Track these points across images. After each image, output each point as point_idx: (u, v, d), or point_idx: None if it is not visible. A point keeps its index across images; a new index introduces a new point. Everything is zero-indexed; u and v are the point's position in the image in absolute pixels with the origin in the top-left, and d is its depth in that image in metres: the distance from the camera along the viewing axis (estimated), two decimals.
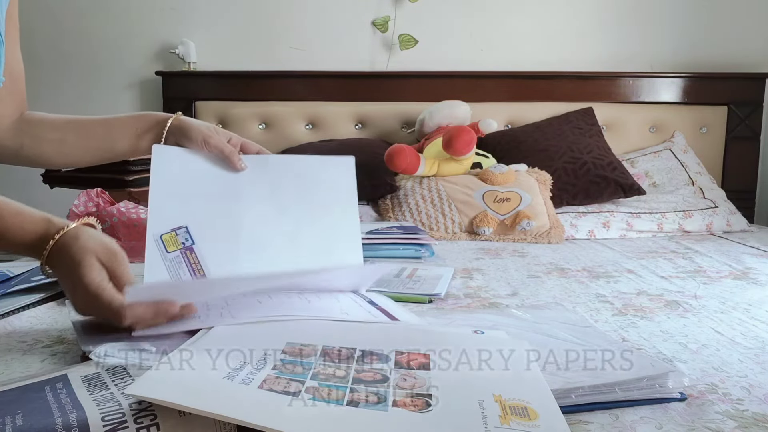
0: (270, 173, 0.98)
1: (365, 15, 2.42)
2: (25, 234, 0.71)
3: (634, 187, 1.96)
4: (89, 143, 0.96)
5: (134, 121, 0.96)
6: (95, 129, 0.96)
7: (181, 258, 0.90)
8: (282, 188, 0.97)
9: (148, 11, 2.46)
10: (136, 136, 0.95)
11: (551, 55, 2.40)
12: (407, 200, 1.86)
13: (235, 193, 0.95)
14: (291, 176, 0.99)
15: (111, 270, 0.69)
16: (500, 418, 0.50)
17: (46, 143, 0.96)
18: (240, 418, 0.47)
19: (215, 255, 0.91)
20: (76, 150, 0.96)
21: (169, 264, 0.89)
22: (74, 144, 0.96)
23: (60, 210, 1.09)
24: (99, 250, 0.69)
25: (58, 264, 0.69)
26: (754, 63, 2.35)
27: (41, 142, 0.95)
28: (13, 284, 1.00)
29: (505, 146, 2.13)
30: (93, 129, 0.96)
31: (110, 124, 0.96)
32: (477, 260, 1.43)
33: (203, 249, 0.91)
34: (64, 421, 0.47)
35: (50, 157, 0.97)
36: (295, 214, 0.96)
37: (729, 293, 1.12)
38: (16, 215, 0.72)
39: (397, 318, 0.79)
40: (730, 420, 0.59)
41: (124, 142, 0.95)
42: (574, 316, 0.89)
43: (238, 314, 0.74)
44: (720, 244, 1.68)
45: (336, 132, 2.37)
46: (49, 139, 0.95)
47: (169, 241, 0.91)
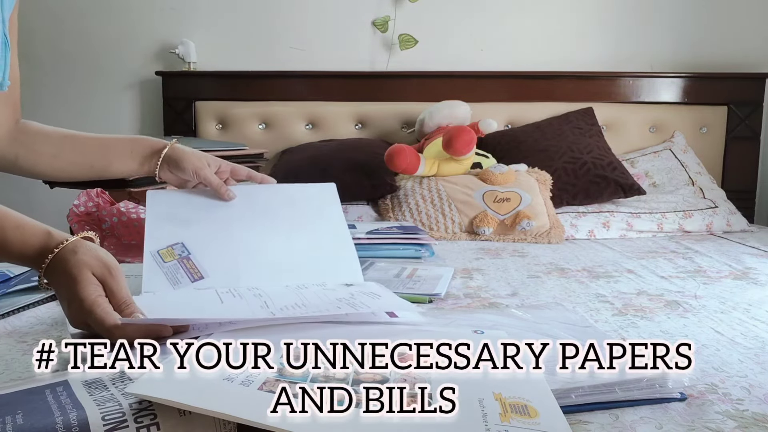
0: (259, 200, 1.04)
1: (365, 15, 2.42)
2: (26, 247, 0.71)
3: (634, 187, 1.96)
4: (84, 160, 0.97)
5: (130, 144, 0.98)
6: (91, 147, 0.97)
7: (178, 265, 0.93)
8: (272, 211, 1.03)
9: (148, 11, 2.46)
10: (131, 159, 0.98)
11: (551, 55, 2.40)
12: (407, 200, 1.86)
13: (228, 217, 1.00)
14: (279, 201, 1.05)
15: (107, 285, 0.69)
16: (500, 416, 0.50)
17: (41, 156, 0.96)
18: (241, 416, 0.47)
19: (213, 262, 0.93)
20: (69, 166, 0.97)
21: (166, 270, 0.91)
22: (68, 160, 0.97)
23: (60, 209, 1.09)
24: (95, 264, 0.69)
25: (55, 277, 0.70)
26: (754, 63, 2.35)
27: (36, 154, 0.96)
28: (13, 284, 1.00)
29: (505, 146, 2.14)
30: (88, 147, 0.97)
31: (106, 144, 0.98)
32: (477, 260, 1.43)
33: (200, 258, 0.93)
34: (65, 421, 0.47)
35: (44, 170, 0.98)
36: (287, 229, 1.01)
37: (729, 293, 1.12)
38: (17, 228, 0.72)
39: (396, 315, 0.79)
40: (730, 420, 0.59)
41: (119, 164, 0.98)
42: (574, 316, 0.89)
43: (235, 313, 0.74)
44: (720, 244, 1.68)
45: (336, 132, 2.37)
46: (43, 152, 0.96)
47: (165, 254, 0.94)
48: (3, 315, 0.90)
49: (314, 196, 1.08)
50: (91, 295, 0.67)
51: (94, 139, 0.98)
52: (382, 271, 1.19)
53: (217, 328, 0.70)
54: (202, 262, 0.93)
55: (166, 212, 0.99)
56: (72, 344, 0.64)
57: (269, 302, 0.79)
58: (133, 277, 1.07)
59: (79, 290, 0.67)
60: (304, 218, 1.03)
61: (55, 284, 0.70)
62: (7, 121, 0.94)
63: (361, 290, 0.87)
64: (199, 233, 0.96)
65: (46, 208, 2.56)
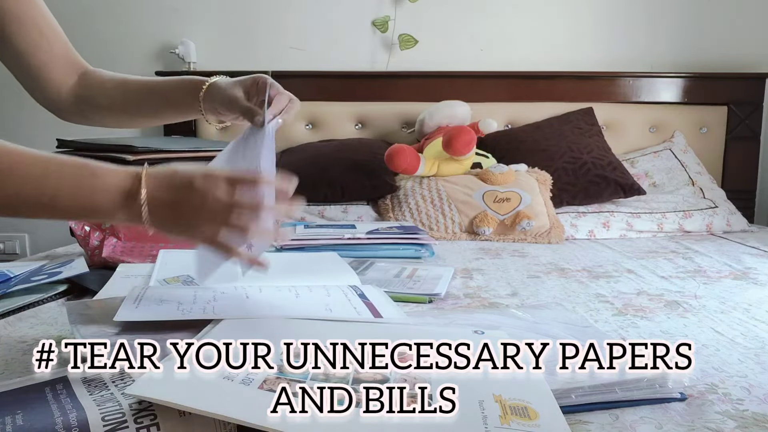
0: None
1: (365, 15, 2.42)
2: (118, 173, 0.66)
3: (634, 187, 1.96)
4: (134, 109, 0.94)
5: (176, 85, 0.93)
6: (139, 94, 0.93)
7: (182, 285, 0.98)
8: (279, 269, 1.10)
9: (148, 11, 2.46)
10: (180, 101, 0.93)
11: (551, 55, 2.40)
12: (407, 200, 1.86)
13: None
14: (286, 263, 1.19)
15: None
16: (500, 418, 0.50)
17: (100, 110, 0.94)
18: (240, 418, 0.47)
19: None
20: (123, 115, 0.95)
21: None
22: (121, 109, 0.94)
23: None
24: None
25: (158, 188, 0.66)
26: (754, 63, 2.34)
27: (97, 109, 0.94)
28: (13, 284, 1.00)
29: (505, 146, 2.13)
30: (138, 94, 0.93)
31: (154, 90, 0.93)
32: (477, 260, 1.43)
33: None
34: (65, 421, 0.47)
35: (109, 123, 0.96)
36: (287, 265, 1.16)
37: (729, 293, 1.12)
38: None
39: (381, 315, 0.79)
40: (730, 420, 0.59)
41: (168, 108, 0.94)
42: (574, 316, 0.89)
43: (221, 311, 0.74)
44: (720, 244, 1.68)
45: (336, 132, 2.36)
46: (101, 105, 0.93)
47: (171, 281, 1.00)
48: (3, 315, 0.90)
49: (322, 259, 1.22)
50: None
51: (143, 85, 0.94)
52: (382, 271, 1.19)
53: (200, 315, 0.73)
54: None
55: (175, 257, 1.10)
56: (72, 344, 0.64)
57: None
58: (133, 277, 1.07)
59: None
60: (314, 271, 1.14)
61: (162, 193, 0.66)
62: (67, 80, 0.93)
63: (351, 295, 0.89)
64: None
65: None
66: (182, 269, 1.06)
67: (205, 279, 0.80)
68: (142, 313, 0.72)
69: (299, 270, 1.14)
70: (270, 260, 0.72)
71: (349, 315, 0.78)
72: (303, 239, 1.41)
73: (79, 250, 1.33)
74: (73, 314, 0.74)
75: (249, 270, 0.75)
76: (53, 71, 0.92)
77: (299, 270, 1.14)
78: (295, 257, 1.26)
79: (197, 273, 0.81)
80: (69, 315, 0.75)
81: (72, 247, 1.48)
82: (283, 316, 0.75)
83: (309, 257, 1.26)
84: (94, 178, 0.65)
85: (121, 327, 0.70)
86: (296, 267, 1.16)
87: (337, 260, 1.22)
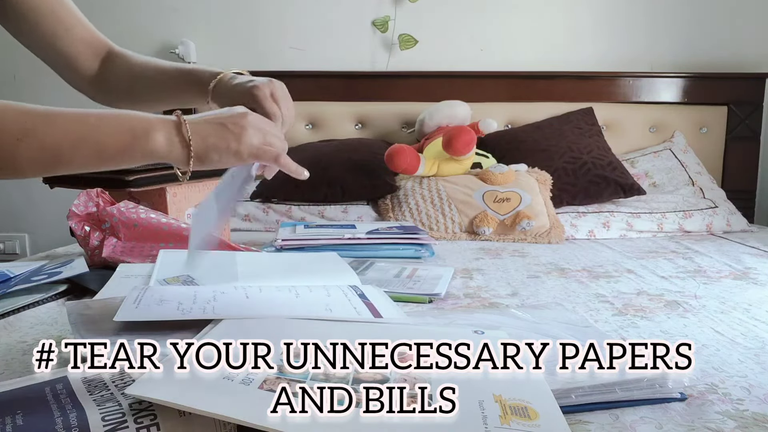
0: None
1: (365, 15, 2.42)
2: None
3: (634, 187, 1.96)
4: (158, 96, 0.95)
5: (186, 76, 0.93)
6: (156, 82, 0.94)
7: (182, 285, 0.97)
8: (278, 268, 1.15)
9: (148, 11, 2.46)
10: (189, 92, 0.93)
11: (551, 55, 2.40)
12: (407, 200, 1.86)
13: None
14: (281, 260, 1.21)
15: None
16: (500, 418, 0.50)
17: (120, 95, 0.96)
18: (240, 418, 0.47)
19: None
20: (142, 104, 0.94)
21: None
22: (140, 98, 0.95)
23: (60, 209, 1.09)
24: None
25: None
26: (754, 63, 2.34)
27: (118, 94, 0.95)
28: (13, 284, 1.00)
29: (505, 146, 2.13)
30: (155, 82, 0.94)
31: (169, 77, 0.94)
32: (477, 260, 1.43)
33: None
34: (65, 422, 0.47)
35: (130, 108, 0.97)
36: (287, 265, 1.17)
37: (729, 293, 1.12)
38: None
39: (381, 315, 0.79)
40: (730, 420, 0.59)
41: (182, 96, 0.95)
42: (574, 316, 0.89)
43: (221, 311, 0.74)
44: (720, 244, 1.68)
45: (336, 132, 2.37)
46: (121, 90, 0.95)
47: (171, 281, 1.00)
48: (3, 315, 0.90)
49: (322, 259, 1.23)
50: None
51: (161, 72, 0.94)
52: (382, 271, 1.19)
53: (200, 314, 0.73)
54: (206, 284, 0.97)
55: (177, 257, 1.10)
56: (72, 344, 0.64)
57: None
58: (133, 277, 1.07)
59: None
60: (314, 271, 1.14)
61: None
62: (90, 65, 0.94)
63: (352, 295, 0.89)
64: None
65: (46, 208, 2.57)
66: (182, 269, 1.06)
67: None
68: (142, 313, 0.72)
69: (299, 270, 1.14)
70: (272, 255, 0.74)
71: (349, 315, 0.78)
72: (303, 239, 1.41)
73: (79, 250, 1.33)
74: (73, 314, 0.74)
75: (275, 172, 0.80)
76: (77, 57, 0.94)
77: (299, 270, 1.14)
78: (295, 257, 1.26)
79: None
80: (69, 315, 0.75)
81: (72, 247, 1.48)
82: (283, 316, 0.75)
83: (309, 257, 1.26)
84: (133, 115, 0.71)
85: (121, 327, 0.70)
86: (296, 267, 1.16)
87: (337, 260, 1.22)
